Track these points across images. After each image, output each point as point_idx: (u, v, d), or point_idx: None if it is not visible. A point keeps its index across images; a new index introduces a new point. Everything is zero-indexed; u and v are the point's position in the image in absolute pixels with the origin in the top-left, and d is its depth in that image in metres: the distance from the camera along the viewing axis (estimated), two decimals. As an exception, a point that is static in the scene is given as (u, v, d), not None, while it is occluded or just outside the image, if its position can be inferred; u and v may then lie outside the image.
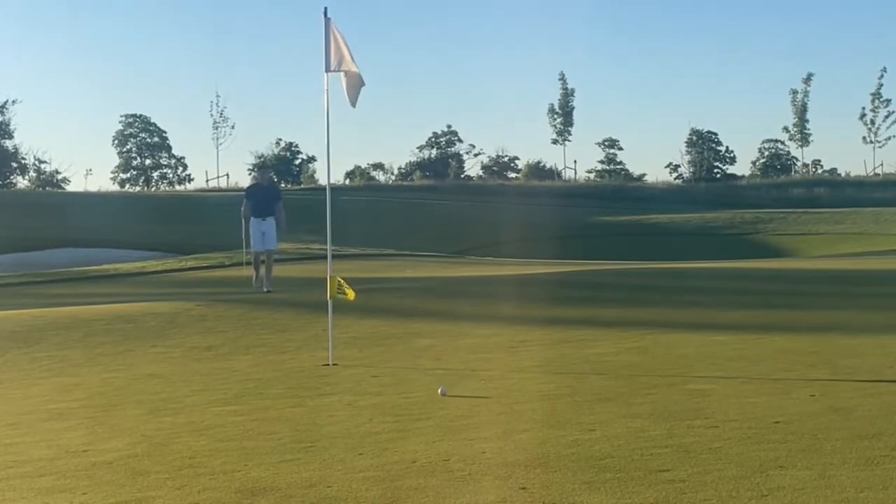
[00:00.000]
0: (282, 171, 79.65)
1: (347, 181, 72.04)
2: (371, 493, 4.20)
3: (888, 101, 71.28)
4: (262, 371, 8.25)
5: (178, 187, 73.77)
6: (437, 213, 49.50)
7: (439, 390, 6.35)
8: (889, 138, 71.16)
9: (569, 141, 74.67)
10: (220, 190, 63.68)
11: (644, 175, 75.63)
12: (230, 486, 4.41)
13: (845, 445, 4.66)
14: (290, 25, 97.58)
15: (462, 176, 75.88)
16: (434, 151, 78.28)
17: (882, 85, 71.24)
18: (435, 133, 78.08)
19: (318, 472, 4.61)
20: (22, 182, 69.86)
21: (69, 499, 4.38)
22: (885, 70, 72.87)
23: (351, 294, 8.64)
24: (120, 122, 77.94)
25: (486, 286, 14.93)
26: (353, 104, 8.81)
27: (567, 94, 74.79)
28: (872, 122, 71.39)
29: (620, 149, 77.84)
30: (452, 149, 78.61)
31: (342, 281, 8.70)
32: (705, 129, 76.95)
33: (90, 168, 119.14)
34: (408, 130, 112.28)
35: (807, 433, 4.96)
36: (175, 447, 5.33)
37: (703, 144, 76.44)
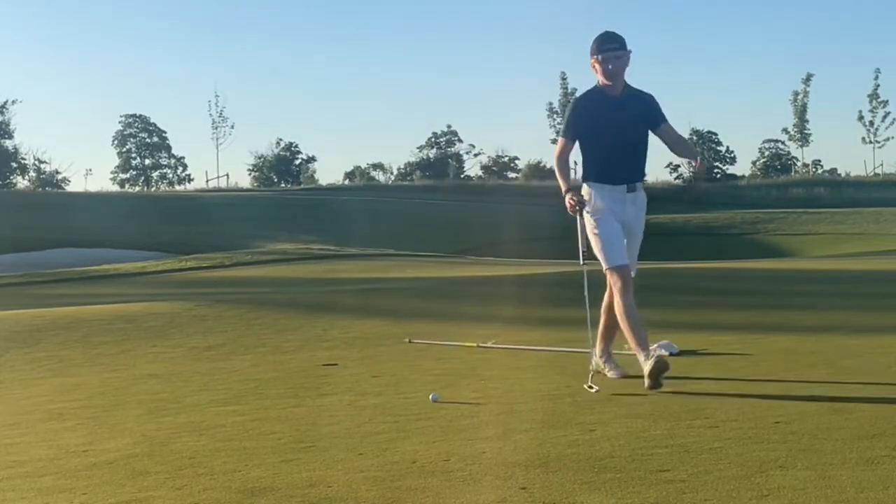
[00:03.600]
0: (282, 171, 79.64)
1: (347, 181, 72.16)
2: (371, 493, 4.20)
3: (885, 101, 71.41)
4: (262, 371, 8.25)
5: (177, 187, 73.86)
6: (437, 213, 49.50)
7: (430, 396, 6.33)
8: (888, 139, 71.32)
9: (569, 141, 74.75)
10: (220, 190, 63.81)
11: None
12: (230, 486, 4.41)
13: (845, 445, 4.66)
14: (290, 24, 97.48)
15: (462, 176, 75.95)
16: (434, 151, 78.37)
17: (878, 86, 71.37)
18: (435, 133, 78.22)
19: (318, 472, 4.61)
20: (22, 182, 69.96)
21: (69, 499, 4.38)
22: (878, 71, 73.07)
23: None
24: (120, 122, 78.08)
25: (486, 286, 14.93)
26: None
27: (567, 94, 74.89)
28: (871, 124, 71.52)
29: (620, 149, 77.89)
30: (452, 149, 78.73)
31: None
32: (705, 129, 77.06)
33: (90, 168, 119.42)
34: (408, 130, 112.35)
35: (807, 433, 4.96)
36: (175, 447, 5.33)
37: (704, 144, 76.51)
